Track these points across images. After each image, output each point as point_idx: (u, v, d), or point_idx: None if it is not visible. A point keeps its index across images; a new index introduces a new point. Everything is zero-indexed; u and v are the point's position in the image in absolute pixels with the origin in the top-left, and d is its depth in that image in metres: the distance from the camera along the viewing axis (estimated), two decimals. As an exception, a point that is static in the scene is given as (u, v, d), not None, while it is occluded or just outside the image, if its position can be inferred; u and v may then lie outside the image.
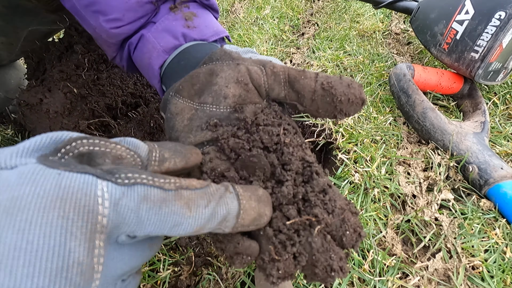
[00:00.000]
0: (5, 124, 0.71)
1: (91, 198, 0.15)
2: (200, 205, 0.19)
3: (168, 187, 0.18)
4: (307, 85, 0.28)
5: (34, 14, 0.56)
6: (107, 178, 0.16)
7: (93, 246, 0.15)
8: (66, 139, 0.17)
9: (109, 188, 0.16)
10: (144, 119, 0.58)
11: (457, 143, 0.57)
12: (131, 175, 0.17)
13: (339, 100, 0.27)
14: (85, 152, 0.18)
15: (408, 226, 0.50)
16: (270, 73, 0.29)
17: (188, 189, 0.19)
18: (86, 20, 0.37)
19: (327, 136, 0.65)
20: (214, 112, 0.29)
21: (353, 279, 0.44)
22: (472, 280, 0.44)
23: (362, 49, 0.89)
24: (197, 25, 0.36)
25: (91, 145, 0.18)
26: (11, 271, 0.13)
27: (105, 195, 0.16)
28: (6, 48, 0.61)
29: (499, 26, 0.57)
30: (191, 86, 0.30)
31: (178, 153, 0.22)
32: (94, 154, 0.18)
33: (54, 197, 0.14)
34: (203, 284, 0.45)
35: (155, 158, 0.20)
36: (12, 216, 0.14)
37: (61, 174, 0.15)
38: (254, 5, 1.19)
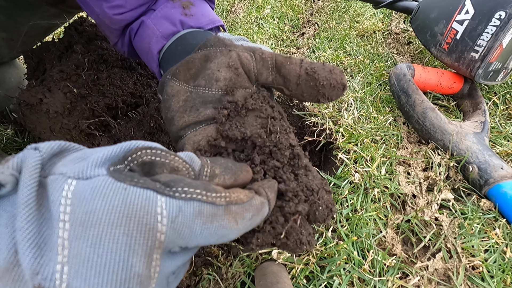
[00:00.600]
0: (5, 124, 0.71)
1: (151, 216, 0.17)
2: (245, 217, 0.21)
3: (219, 202, 0.19)
4: (292, 70, 0.30)
5: (35, 8, 0.57)
6: (165, 193, 0.18)
7: (151, 260, 0.17)
8: (133, 148, 0.19)
9: (167, 204, 0.18)
10: (144, 119, 0.58)
11: (457, 143, 0.57)
12: (187, 189, 0.18)
13: (322, 84, 0.29)
14: (148, 161, 0.19)
15: (408, 226, 0.50)
16: (259, 58, 0.31)
17: (236, 204, 0.20)
18: (90, 6, 0.40)
19: (327, 136, 0.65)
20: (206, 94, 0.31)
21: (353, 279, 0.44)
22: (472, 280, 0.44)
23: (362, 49, 0.89)
24: (194, 14, 0.39)
25: (153, 155, 0.20)
26: (85, 279, 0.16)
27: (163, 212, 0.17)
28: (7, 44, 0.61)
29: (499, 26, 0.57)
30: (187, 70, 0.32)
31: (229, 170, 0.23)
32: (155, 163, 0.20)
33: (121, 214, 0.16)
34: (203, 284, 0.45)
35: (206, 173, 0.22)
36: (86, 230, 0.16)
37: (127, 189, 0.17)
38: (254, 5, 1.19)
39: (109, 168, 0.18)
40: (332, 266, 0.46)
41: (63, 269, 0.16)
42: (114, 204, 0.16)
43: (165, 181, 0.18)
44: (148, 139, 0.57)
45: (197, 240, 0.19)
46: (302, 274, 0.45)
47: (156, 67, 0.40)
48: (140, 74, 0.65)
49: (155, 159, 0.20)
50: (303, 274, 0.45)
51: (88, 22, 0.63)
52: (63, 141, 0.20)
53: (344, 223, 0.50)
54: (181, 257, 0.20)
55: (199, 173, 0.21)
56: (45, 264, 0.16)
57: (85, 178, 0.17)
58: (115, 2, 0.38)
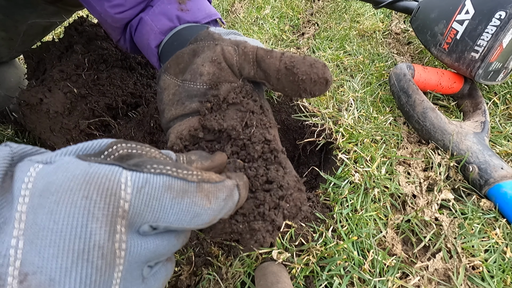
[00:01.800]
0: (5, 123, 0.71)
1: (114, 183, 0.16)
2: (218, 197, 0.21)
3: (191, 179, 0.19)
4: (272, 64, 0.30)
5: (33, 6, 0.57)
6: (132, 169, 0.17)
7: (114, 230, 0.16)
8: (108, 143, 0.19)
9: (133, 176, 0.17)
10: (144, 119, 0.58)
11: (457, 143, 0.57)
12: (156, 166, 0.18)
13: (301, 79, 0.29)
14: (125, 154, 0.19)
15: (408, 226, 0.50)
16: (241, 52, 0.31)
17: (209, 182, 0.20)
18: (92, 6, 0.41)
19: (327, 136, 0.65)
20: (191, 88, 0.32)
21: (353, 279, 0.44)
22: (472, 280, 0.44)
23: (362, 49, 0.89)
24: (190, 8, 0.39)
25: (129, 148, 0.20)
26: (40, 251, 0.14)
27: (128, 182, 0.17)
28: (6, 43, 0.61)
29: (500, 26, 0.57)
30: (176, 65, 0.34)
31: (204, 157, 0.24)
32: (132, 155, 0.19)
33: (81, 181, 0.15)
34: (203, 284, 0.45)
35: (183, 161, 0.22)
36: (44, 198, 0.15)
37: (91, 164, 0.16)
38: (254, 5, 1.19)
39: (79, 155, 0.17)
40: (332, 266, 0.46)
41: (18, 243, 0.14)
42: (75, 174, 0.15)
43: (134, 162, 0.18)
44: (148, 139, 0.57)
45: (168, 217, 0.18)
46: (302, 274, 0.45)
47: (156, 61, 0.42)
48: (140, 74, 0.65)
49: (131, 151, 0.20)
50: (303, 274, 0.45)
51: (88, 22, 0.63)
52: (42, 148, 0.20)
53: (344, 223, 0.50)
54: (153, 241, 0.19)
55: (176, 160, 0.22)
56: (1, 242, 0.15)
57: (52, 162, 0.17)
58: (115, 1, 0.39)
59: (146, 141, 0.57)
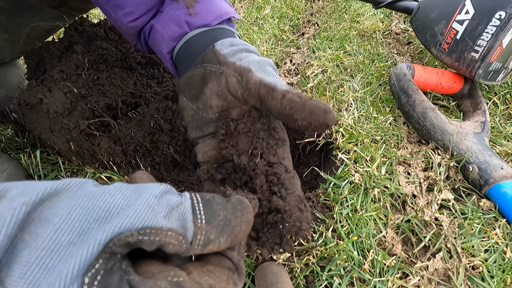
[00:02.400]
0: (5, 124, 0.71)
1: None
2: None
3: None
4: (273, 105, 0.31)
5: (36, 10, 0.57)
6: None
7: None
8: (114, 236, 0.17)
9: None
10: (144, 119, 0.58)
11: (457, 143, 0.57)
12: None
13: (301, 124, 0.30)
14: (134, 242, 0.17)
15: (408, 226, 0.50)
16: (245, 87, 0.32)
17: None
18: (108, 13, 0.42)
19: (327, 136, 0.65)
20: (205, 117, 0.35)
21: (353, 279, 0.44)
22: (472, 280, 0.44)
23: (362, 49, 0.89)
24: (199, 12, 0.39)
25: (141, 235, 0.17)
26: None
27: None
28: (8, 45, 0.61)
29: (499, 26, 0.57)
30: (189, 90, 0.36)
31: (226, 229, 0.21)
32: (143, 242, 0.17)
33: None
34: (203, 284, 0.45)
35: (199, 242, 0.20)
36: None
37: None
38: (254, 5, 1.19)
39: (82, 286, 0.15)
40: (332, 266, 0.46)
41: None
42: None
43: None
44: (148, 139, 0.57)
45: None
46: (302, 274, 0.45)
47: (171, 66, 0.43)
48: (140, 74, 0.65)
49: (143, 238, 0.17)
50: (303, 274, 0.45)
51: (88, 22, 0.63)
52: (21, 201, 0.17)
53: (344, 223, 0.50)
54: None
55: (191, 241, 0.19)
56: None
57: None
58: (127, 9, 0.39)
59: (146, 141, 0.57)
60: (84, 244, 0.16)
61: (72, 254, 0.16)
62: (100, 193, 0.19)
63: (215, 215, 0.21)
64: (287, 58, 0.91)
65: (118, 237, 0.16)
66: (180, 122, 0.56)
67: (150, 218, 0.18)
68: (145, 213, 0.18)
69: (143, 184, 0.21)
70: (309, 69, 0.82)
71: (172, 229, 0.18)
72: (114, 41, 0.62)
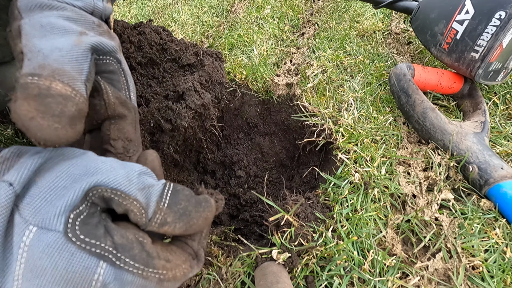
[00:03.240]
0: (5, 123, 0.71)
1: (87, 283, 0.20)
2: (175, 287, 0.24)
3: (153, 279, 0.22)
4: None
5: None
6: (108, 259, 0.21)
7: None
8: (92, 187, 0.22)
9: (105, 271, 0.21)
10: (144, 119, 0.58)
11: (457, 143, 0.57)
12: (128, 261, 0.21)
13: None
14: (107, 197, 0.22)
15: (408, 226, 0.50)
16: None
17: (170, 281, 0.23)
18: None
19: (327, 136, 0.65)
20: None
21: (353, 279, 0.44)
22: (472, 280, 0.44)
23: (362, 49, 0.89)
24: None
25: (113, 194, 0.22)
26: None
27: (99, 278, 0.21)
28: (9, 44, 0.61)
29: (499, 26, 0.57)
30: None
31: (184, 217, 0.24)
32: (113, 201, 0.22)
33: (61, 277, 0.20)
34: (203, 284, 0.45)
35: (156, 221, 0.23)
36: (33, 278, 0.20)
37: (73, 255, 0.20)
38: (254, 5, 1.19)
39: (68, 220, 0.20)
40: (332, 266, 0.46)
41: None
42: (58, 268, 0.20)
43: (117, 242, 0.21)
44: (148, 139, 0.57)
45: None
46: (302, 274, 0.45)
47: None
48: (140, 74, 0.65)
49: (114, 197, 0.22)
50: (303, 274, 0.45)
51: (88, 22, 0.63)
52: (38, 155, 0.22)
53: (344, 223, 0.50)
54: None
55: (150, 218, 0.23)
56: (5, 283, 0.20)
57: (44, 228, 0.20)
58: None
59: (146, 141, 0.57)
60: (73, 188, 0.21)
61: (64, 195, 0.21)
62: (96, 158, 0.24)
63: (177, 203, 0.24)
64: (287, 58, 0.91)
65: (96, 188, 0.22)
66: (180, 122, 0.56)
67: (124, 185, 0.22)
68: (122, 180, 0.23)
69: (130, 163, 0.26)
70: (309, 69, 0.82)
71: (137, 200, 0.22)
72: (114, 41, 0.62)
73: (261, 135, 0.89)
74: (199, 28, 1.08)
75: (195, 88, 0.58)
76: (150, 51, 0.64)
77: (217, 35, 1.04)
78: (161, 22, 1.15)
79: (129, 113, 0.31)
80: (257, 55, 0.90)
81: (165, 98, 0.61)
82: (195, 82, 0.60)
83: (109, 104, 0.29)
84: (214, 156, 0.85)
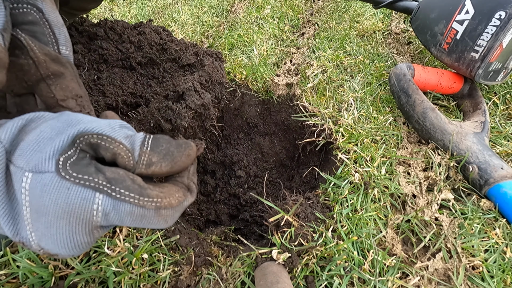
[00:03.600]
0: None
1: (88, 213, 0.22)
2: (175, 217, 0.25)
3: (149, 206, 0.23)
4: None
5: None
6: (104, 191, 0.22)
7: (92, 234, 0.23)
8: (79, 134, 0.23)
9: (103, 202, 0.22)
10: (144, 119, 0.58)
11: (457, 143, 0.57)
12: (123, 191, 0.22)
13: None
14: (94, 143, 0.23)
15: (408, 226, 0.50)
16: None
17: (166, 209, 0.24)
18: None
19: (327, 136, 0.65)
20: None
21: (353, 279, 0.44)
22: (472, 280, 0.44)
23: (362, 49, 0.89)
24: None
25: (99, 139, 0.23)
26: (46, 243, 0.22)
27: (99, 208, 0.22)
28: None
29: (499, 26, 0.57)
30: None
31: (168, 157, 0.25)
32: (101, 146, 0.23)
33: (63, 211, 0.21)
34: (203, 284, 0.45)
35: (143, 162, 0.24)
36: (40, 217, 0.22)
37: (70, 189, 0.21)
38: (254, 5, 1.19)
39: (58, 162, 0.21)
40: (332, 266, 0.46)
41: (32, 234, 0.22)
42: (58, 203, 0.21)
43: (110, 177, 0.22)
44: (148, 139, 0.57)
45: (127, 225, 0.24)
46: (302, 274, 0.45)
47: None
48: (140, 74, 0.65)
49: (101, 143, 0.23)
50: (303, 274, 0.45)
51: (88, 22, 0.63)
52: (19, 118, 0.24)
53: (344, 223, 0.50)
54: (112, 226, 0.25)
55: (137, 160, 0.24)
56: (20, 229, 0.22)
57: (38, 171, 0.21)
58: None
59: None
60: (60, 136, 0.23)
61: (52, 142, 0.22)
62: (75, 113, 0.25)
63: (159, 145, 0.25)
64: (287, 58, 0.91)
65: (82, 134, 0.23)
66: (180, 122, 0.56)
67: (109, 131, 0.24)
68: (106, 127, 0.24)
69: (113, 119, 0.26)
70: (309, 69, 0.82)
71: (123, 143, 0.24)
72: (114, 41, 0.62)
73: (261, 135, 0.89)
74: (199, 28, 1.08)
75: (195, 88, 0.58)
76: (150, 51, 0.64)
77: (217, 35, 1.04)
78: (161, 22, 1.14)
79: (65, 70, 0.29)
80: (257, 55, 0.90)
81: (165, 98, 0.61)
82: (195, 82, 0.60)
83: (39, 62, 0.28)
84: (214, 156, 0.85)
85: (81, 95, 0.31)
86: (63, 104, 0.29)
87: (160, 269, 0.45)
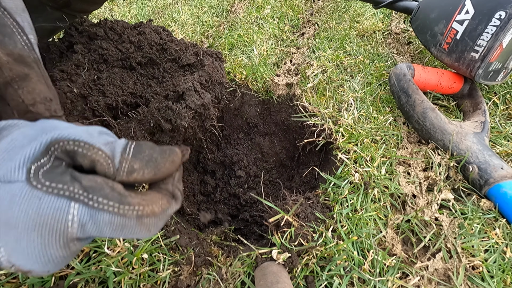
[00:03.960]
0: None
1: (62, 223, 0.20)
2: (159, 225, 0.23)
3: (130, 215, 0.21)
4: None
5: (39, 11, 0.57)
6: (80, 200, 0.20)
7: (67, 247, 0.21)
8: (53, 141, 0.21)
9: (79, 211, 0.20)
10: (144, 119, 0.58)
11: (457, 143, 0.57)
12: (101, 200, 0.21)
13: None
14: (70, 150, 0.21)
15: (408, 226, 0.50)
16: None
17: (149, 217, 0.22)
18: None
19: (327, 136, 0.65)
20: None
21: (353, 279, 0.44)
22: (472, 280, 0.44)
23: (362, 49, 0.89)
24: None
25: (75, 146, 0.21)
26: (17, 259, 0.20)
27: (75, 218, 0.20)
28: None
29: (499, 26, 0.57)
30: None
31: (151, 163, 0.24)
32: (78, 153, 0.21)
33: (34, 222, 0.20)
34: (203, 284, 0.45)
35: (124, 169, 0.23)
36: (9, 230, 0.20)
37: (41, 199, 0.20)
38: (254, 5, 1.19)
39: (29, 170, 0.20)
40: (332, 266, 0.46)
41: (1, 250, 0.20)
42: (29, 214, 0.20)
43: (86, 185, 0.21)
44: (148, 139, 0.57)
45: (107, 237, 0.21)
46: (302, 274, 0.45)
47: None
48: (140, 74, 0.65)
49: (77, 149, 0.21)
50: (303, 274, 0.45)
51: (88, 22, 0.63)
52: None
53: (344, 223, 0.50)
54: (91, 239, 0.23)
55: (118, 167, 0.23)
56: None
57: (7, 181, 0.20)
58: None
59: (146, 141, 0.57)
60: (32, 144, 0.21)
61: (23, 150, 0.21)
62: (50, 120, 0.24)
63: (141, 152, 0.24)
64: (287, 58, 0.91)
65: (57, 141, 0.21)
66: (180, 122, 0.56)
67: (86, 138, 0.22)
68: (83, 133, 0.22)
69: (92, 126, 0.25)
70: (309, 69, 0.82)
71: (102, 150, 0.22)
72: (114, 41, 0.62)
73: (261, 135, 0.89)
74: (199, 28, 1.08)
75: (195, 88, 0.58)
76: (150, 51, 0.64)
77: (217, 35, 1.04)
78: (161, 22, 1.14)
79: (30, 70, 0.27)
80: (257, 55, 0.90)
81: (165, 98, 0.61)
82: (195, 82, 0.60)
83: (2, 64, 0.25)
84: (214, 156, 0.85)
85: (51, 98, 0.28)
86: (33, 109, 0.27)
87: (160, 269, 0.45)
